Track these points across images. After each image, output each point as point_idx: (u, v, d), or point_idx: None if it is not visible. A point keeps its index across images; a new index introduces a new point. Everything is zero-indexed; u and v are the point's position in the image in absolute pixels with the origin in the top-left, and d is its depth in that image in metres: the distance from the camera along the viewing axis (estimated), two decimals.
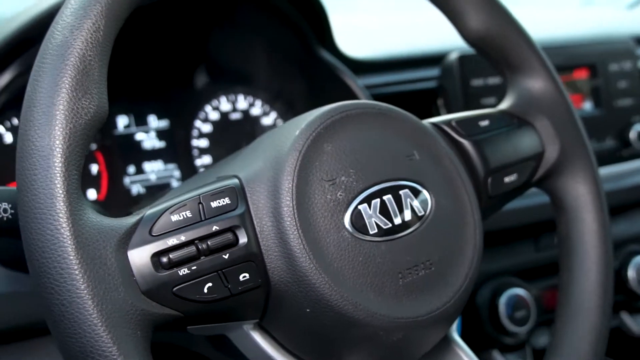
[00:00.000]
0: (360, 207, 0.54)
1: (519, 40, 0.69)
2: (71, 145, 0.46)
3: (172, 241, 0.49)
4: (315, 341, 0.55)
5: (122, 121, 0.92)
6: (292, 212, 0.51)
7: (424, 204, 0.57)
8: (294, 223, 0.51)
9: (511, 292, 1.06)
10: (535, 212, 1.06)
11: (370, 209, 0.54)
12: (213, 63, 0.99)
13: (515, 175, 0.68)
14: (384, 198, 0.55)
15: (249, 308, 0.54)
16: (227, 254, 0.50)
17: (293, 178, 0.52)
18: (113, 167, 0.91)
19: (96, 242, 0.46)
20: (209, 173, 0.60)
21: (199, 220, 0.50)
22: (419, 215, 0.56)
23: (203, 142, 0.98)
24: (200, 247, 0.49)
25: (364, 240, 0.53)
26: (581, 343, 0.67)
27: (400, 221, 0.55)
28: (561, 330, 0.68)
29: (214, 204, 0.51)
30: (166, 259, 0.48)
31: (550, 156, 0.70)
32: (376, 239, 0.54)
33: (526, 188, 0.71)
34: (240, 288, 0.51)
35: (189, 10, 0.91)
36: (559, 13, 1.66)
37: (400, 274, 0.54)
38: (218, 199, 0.51)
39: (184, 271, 0.49)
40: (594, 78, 1.14)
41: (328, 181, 0.54)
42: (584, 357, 0.66)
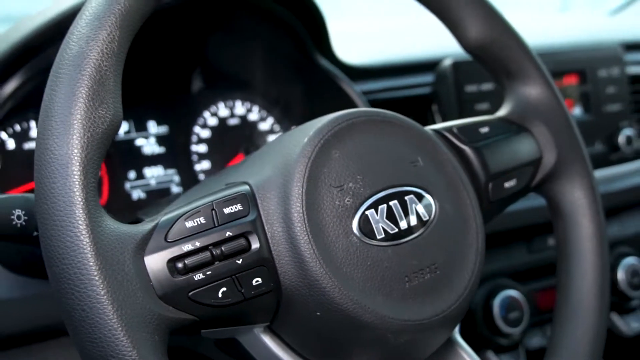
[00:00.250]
0: (367, 213, 0.55)
1: (517, 48, 0.71)
2: (89, 154, 0.47)
3: (187, 247, 0.50)
4: (324, 343, 0.57)
5: (123, 127, 0.93)
6: (303, 218, 0.52)
7: (429, 209, 0.59)
8: (304, 229, 0.52)
9: (505, 294, 1.08)
10: (527, 215, 1.08)
11: (377, 215, 0.56)
12: (211, 69, 1.00)
13: (514, 180, 0.69)
14: (390, 203, 0.57)
15: (260, 312, 0.55)
16: (241, 259, 0.51)
17: (302, 184, 0.53)
18: (114, 173, 0.91)
19: (114, 249, 0.47)
20: (217, 179, 0.61)
21: (213, 226, 0.51)
22: (424, 220, 0.58)
23: (202, 148, 0.99)
24: (214, 253, 0.51)
25: (372, 245, 0.55)
26: (580, 344, 0.68)
27: (406, 226, 0.57)
28: (560, 331, 0.70)
29: (227, 210, 0.52)
30: (182, 265, 0.50)
31: (547, 162, 0.72)
32: (383, 244, 0.55)
33: (525, 193, 0.72)
34: (253, 292, 0.52)
35: (188, 16, 0.92)
36: (546, 18, 1.68)
37: (406, 278, 0.56)
38: (230, 206, 0.53)
39: (199, 276, 0.50)
40: (584, 84, 1.17)
41: (336, 187, 0.55)
42: (583, 358, 0.68)
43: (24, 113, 0.83)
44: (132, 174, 0.93)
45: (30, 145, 0.85)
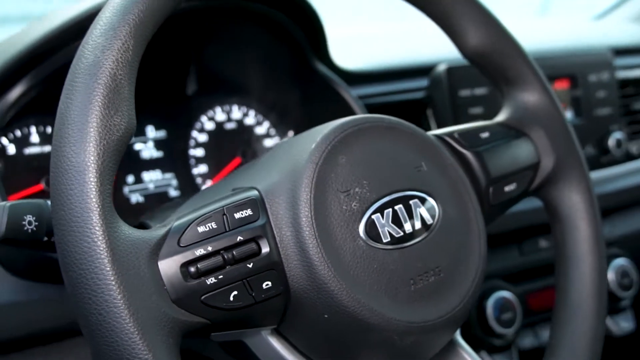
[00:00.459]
0: (373, 217, 0.56)
1: (516, 55, 0.72)
2: (105, 161, 0.48)
3: (200, 251, 0.51)
4: (331, 345, 0.58)
5: None
6: (311, 223, 0.53)
7: (432, 213, 0.60)
8: (313, 233, 0.53)
9: (498, 295, 1.09)
10: (518, 218, 1.09)
11: (383, 219, 0.57)
12: (208, 74, 1.01)
13: (514, 184, 0.71)
14: (396, 208, 0.58)
15: (269, 314, 0.56)
16: (251, 263, 0.52)
17: (311, 190, 0.55)
18: None
19: (130, 254, 0.47)
20: (224, 184, 0.62)
21: (224, 231, 0.52)
22: (428, 224, 0.59)
23: (199, 152, 1.00)
24: (226, 257, 0.52)
25: (378, 248, 0.56)
26: (579, 344, 0.70)
27: (410, 229, 0.58)
28: (559, 333, 0.71)
29: (237, 215, 0.53)
30: (194, 269, 0.51)
31: (545, 166, 0.74)
32: (389, 247, 0.56)
33: (524, 196, 0.74)
34: (263, 296, 0.53)
35: (186, 22, 0.92)
36: (531, 22, 1.70)
37: (412, 280, 0.57)
38: (241, 211, 0.54)
39: (211, 280, 0.51)
40: (575, 88, 1.19)
41: (343, 192, 0.56)
42: (582, 359, 0.69)
43: (25, 119, 0.84)
44: (131, 178, 0.94)
45: (30, 150, 0.85)
